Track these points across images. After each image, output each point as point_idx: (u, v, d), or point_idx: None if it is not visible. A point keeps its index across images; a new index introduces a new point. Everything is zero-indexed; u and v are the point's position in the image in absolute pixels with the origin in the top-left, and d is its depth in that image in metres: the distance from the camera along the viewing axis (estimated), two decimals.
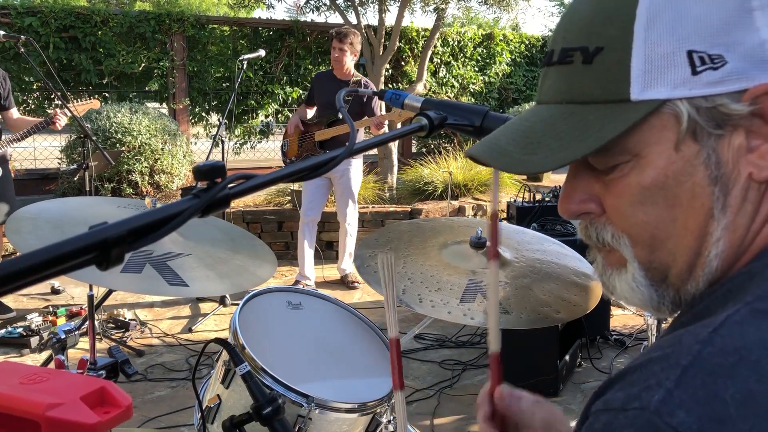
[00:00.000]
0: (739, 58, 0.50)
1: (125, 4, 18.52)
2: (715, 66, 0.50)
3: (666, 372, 0.45)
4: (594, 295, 1.88)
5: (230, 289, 1.65)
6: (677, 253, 0.55)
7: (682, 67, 0.50)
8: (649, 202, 0.55)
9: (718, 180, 0.52)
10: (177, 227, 0.52)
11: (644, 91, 0.51)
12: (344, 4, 7.83)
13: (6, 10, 6.91)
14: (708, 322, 0.47)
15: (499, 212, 0.80)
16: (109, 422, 1.08)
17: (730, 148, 0.52)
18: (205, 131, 8.22)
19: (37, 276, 0.44)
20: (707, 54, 0.50)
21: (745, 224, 0.53)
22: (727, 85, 0.50)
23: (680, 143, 0.52)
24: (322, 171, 0.67)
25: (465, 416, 3.09)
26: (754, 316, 0.46)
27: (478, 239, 1.95)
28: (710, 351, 0.45)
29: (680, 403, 0.43)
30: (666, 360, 0.46)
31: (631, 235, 0.57)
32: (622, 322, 4.25)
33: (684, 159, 0.52)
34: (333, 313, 1.79)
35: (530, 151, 0.56)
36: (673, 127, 0.52)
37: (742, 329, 0.45)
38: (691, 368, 0.44)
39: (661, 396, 0.43)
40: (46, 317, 3.99)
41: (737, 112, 0.50)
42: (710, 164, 0.52)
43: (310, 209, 4.61)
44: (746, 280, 0.50)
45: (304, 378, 1.48)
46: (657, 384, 0.44)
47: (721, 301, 0.50)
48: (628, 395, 0.45)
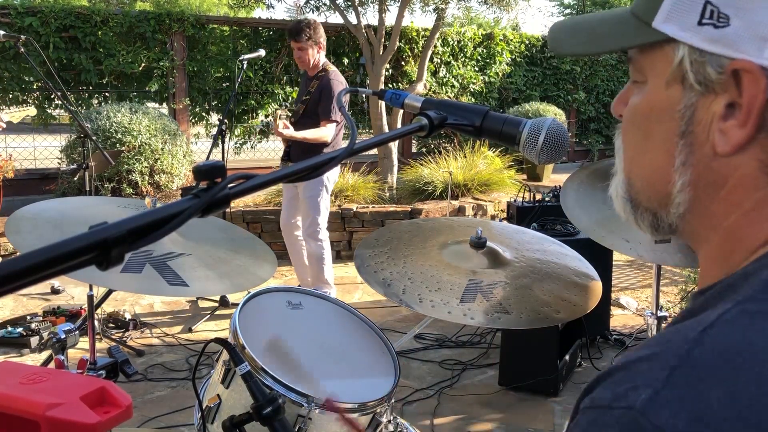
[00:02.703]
0: (741, 27, 0.49)
1: (125, 3, 18.52)
2: (717, 24, 0.50)
3: (654, 372, 0.45)
4: (594, 295, 1.89)
5: (230, 289, 1.65)
6: (646, 184, 0.59)
7: (695, 13, 0.51)
8: (635, 126, 0.59)
9: (684, 135, 0.54)
10: (177, 227, 0.52)
11: (663, 23, 0.53)
12: (344, 4, 7.83)
13: (6, 9, 6.91)
14: (698, 321, 0.47)
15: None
16: (109, 422, 1.08)
17: (708, 111, 0.52)
18: (205, 131, 8.22)
19: (37, 276, 0.44)
20: (718, 10, 0.50)
21: (712, 189, 0.54)
22: (718, 47, 0.50)
23: (670, 83, 0.54)
24: (321, 171, 0.67)
25: (465, 416, 3.09)
26: (744, 317, 0.46)
27: (478, 239, 1.95)
28: (699, 351, 0.45)
29: (666, 403, 0.43)
30: (655, 359, 0.46)
31: (624, 149, 0.62)
32: (622, 322, 4.25)
33: (669, 100, 0.55)
34: (333, 313, 1.79)
35: (577, 36, 0.63)
36: (670, 66, 0.54)
37: (732, 330, 0.45)
38: (678, 369, 0.44)
39: (648, 396, 0.43)
40: (46, 317, 3.99)
41: (712, 78, 0.51)
42: (684, 117, 0.54)
43: (285, 216, 4.34)
44: (741, 279, 0.50)
45: (304, 378, 1.48)
46: (644, 384, 0.44)
47: (715, 300, 0.50)
48: (615, 394, 0.46)
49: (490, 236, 2.03)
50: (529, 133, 0.89)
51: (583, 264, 2.05)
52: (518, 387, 3.32)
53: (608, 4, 25.04)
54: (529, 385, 3.27)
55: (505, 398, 3.27)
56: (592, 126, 10.78)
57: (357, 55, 8.48)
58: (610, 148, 10.89)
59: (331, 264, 4.28)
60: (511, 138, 0.90)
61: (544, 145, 0.89)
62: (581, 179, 2.42)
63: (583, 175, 2.45)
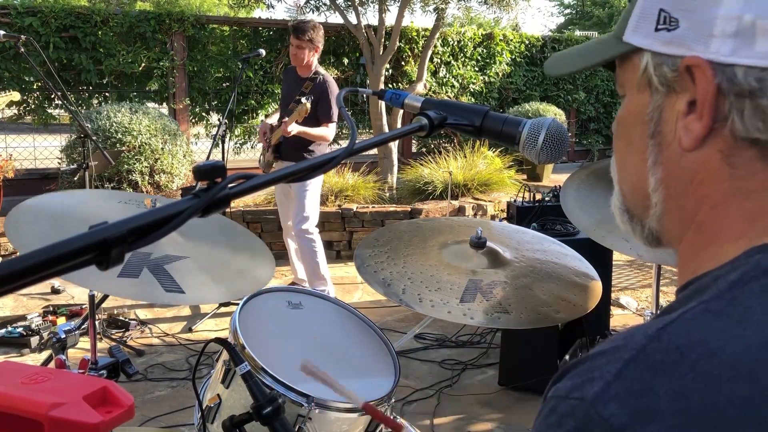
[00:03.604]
0: (689, 27, 0.53)
1: (125, 3, 18.52)
2: (669, 28, 0.54)
3: (609, 365, 0.46)
4: (594, 295, 1.89)
5: (226, 296, 1.64)
6: (630, 187, 0.62)
7: (652, 21, 0.55)
8: (619, 135, 0.63)
9: (654, 135, 0.57)
10: (177, 227, 0.52)
11: (631, 36, 0.57)
12: (344, 4, 7.83)
13: (6, 10, 6.91)
14: (663, 319, 0.48)
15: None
16: (111, 422, 1.08)
17: (672, 110, 0.55)
18: (205, 131, 8.22)
19: (37, 276, 0.44)
20: (669, 15, 0.54)
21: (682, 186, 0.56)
22: (672, 48, 0.54)
23: (639, 89, 0.58)
24: (322, 171, 0.67)
25: (465, 416, 3.09)
26: (705, 316, 0.47)
27: (478, 239, 1.95)
28: (654, 347, 0.46)
29: (615, 395, 0.44)
30: (613, 353, 0.47)
31: (614, 159, 0.65)
32: (622, 322, 4.25)
33: (641, 105, 0.58)
34: (333, 313, 1.79)
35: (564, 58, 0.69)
36: (638, 74, 0.58)
37: (690, 327, 0.46)
38: (632, 362, 0.45)
39: (599, 388, 0.45)
40: (46, 317, 3.99)
41: (668, 76, 0.54)
42: (653, 118, 0.57)
43: (284, 217, 4.47)
44: (711, 281, 0.51)
45: (304, 378, 1.48)
46: (599, 376, 0.46)
47: (685, 301, 0.51)
48: (573, 384, 0.47)
49: (490, 236, 2.03)
50: (529, 133, 0.89)
51: (583, 264, 2.05)
52: (518, 387, 3.32)
53: (608, 4, 25.05)
54: (529, 385, 3.27)
55: (505, 398, 3.27)
56: (592, 126, 10.78)
57: (357, 55, 8.48)
58: (610, 148, 10.85)
59: (324, 260, 4.34)
60: (511, 138, 0.90)
61: (544, 145, 0.89)
62: (581, 179, 2.42)
63: (583, 175, 2.45)
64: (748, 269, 0.49)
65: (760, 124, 0.50)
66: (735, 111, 0.51)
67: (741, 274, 0.49)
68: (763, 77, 0.50)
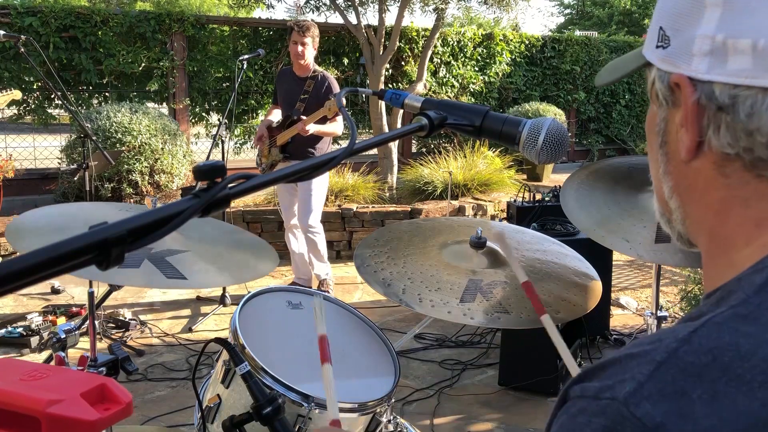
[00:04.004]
0: (677, 45, 0.56)
1: (125, 3, 18.52)
2: (664, 45, 0.57)
3: (640, 367, 0.47)
4: (594, 295, 1.89)
5: (230, 281, 1.64)
6: (656, 195, 0.65)
7: (655, 38, 0.59)
8: (647, 142, 0.66)
9: (663, 145, 0.61)
10: (177, 227, 0.53)
11: (647, 51, 0.61)
12: (344, 4, 7.83)
13: (6, 10, 6.91)
14: (692, 323, 0.49)
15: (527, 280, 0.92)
16: (109, 419, 1.08)
17: (674, 123, 0.58)
18: (205, 131, 8.22)
19: (37, 276, 0.44)
20: (665, 33, 0.57)
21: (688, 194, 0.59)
22: (665, 65, 0.57)
23: (653, 101, 0.61)
24: (322, 171, 0.67)
25: (465, 416, 3.09)
26: (733, 320, 0.48)
27: (478, 239, 1.95)
28: (686, 350, 0.46)
29: (648, 396, 0.45)
30: (643, 356, 0.48)
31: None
32: (622, 322, 4.25)
33: (653, 116, 0.62)
34: (333, 313, 1.79)
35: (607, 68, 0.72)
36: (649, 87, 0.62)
37: (720, 332, 0.47)
38: (664, 364, 0.46)
39: (632, 388, 0.46)
40: (46, 317, 3.99)
41: (663, 92, 0.58)
42: (661, 130, 0.61)
43: (287, 215, 4.55)
44: (735, 285, 0.52)
45: (304, 378, 1.48)
46: (631, 377, 0.47)
47: (713, 305, 0.52)
48: (603, 385, 0.48)
49: (490, 236, 2.03)
50: (529, 133, 0.89)
51: (583, 264, 2.05)
52: (518, 387, 3.32)
53: (608, 4, 25.04)
54: (528, 385, 3.27)
55: (505, 398, 3.27)
56: (592, 126, 10.78)
57: (357, 55, 8.48)
58: (610, 148, 10.90)
59: (326, 248, 4.63)
60: (511, 138, 0.90)
61: (543, 145, 0.89)
62: (581, 179, 2.42)
63: (583, 175, 2.45)
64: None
65: (731, 139, 0.53)
66: (713, 126, 0.54)
67: (766, 277, 0.50)
68: (735, 94, 0.52)
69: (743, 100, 0.51)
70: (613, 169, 2.40)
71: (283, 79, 4.50)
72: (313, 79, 4.30)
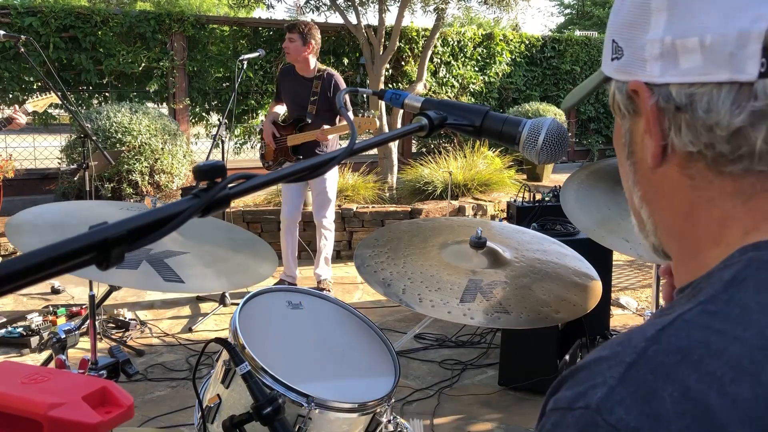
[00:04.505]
0: (629, 54, 0.57)
1: (125, 4, 18.52)
2: (617, 56, 0.59)
3: (611, 370, 0.46)
4: (594, 295, 1.89)
5: (227, 285, 1.64)
6: (630, 206, 0.65)
7: (609, 52, 0.60)
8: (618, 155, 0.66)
9: (630, 156, 0.61)
10: (177, 227, 0.52)
11: (605, 67, 0.62)
12: (344, 4, 7.83)
13: (6, 10, 6.91)
14: (660, 321, 0.48)
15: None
16: (110, 422, 1.08)
17: (638, 132, 0.59)
18: (205, 131, 8.22)
19: (37, 276, 0.44)
20: (617, 44, 0.59)
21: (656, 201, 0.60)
22: (621, 75, 0.58)
23: (616, 114, 0.62)
24: (322, 171, 0.67)
25: (465, 416, 3.09)
26: (703, 317, 0.47)
27: (478, 239, 1.95)
28: (655, 349, 0.46)
29: (620, 400, 0.44)
30: (614, 358, 0.47)
31: None
32: (622, 322, 4.25)
33: (618, 129, 0.63)
34: (333, 313, 1.79)
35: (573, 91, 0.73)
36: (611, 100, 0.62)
37: (689, 328, 0.46)
38: (634, 366, 0.45)
39: (603, 393, 0.45)
40: (46, 317, 3.99)
41: (623, 101, 0.59)
42: (627, 141, 0.61)
43: (291, 211, 4.57)
44: (704, 281, 0.51)
45: (304, 378, 1.48)
46: (602, 382, 0.45)
47: (682, 302, 0.51)
48: (575, 393, 0.47)
49: (490, 236, 2.03)
50: (529, 133, 0.89)
51: (583, 264, 2.05)
52: (518, 387, 3.32)
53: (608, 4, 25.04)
54: (529, 385, 3.27)
55: (505, 398, 3.27)
56: (592, 126, 10.78)
57: (357, 55, 8.48)
58: (610, 148, 10.90)
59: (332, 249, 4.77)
60: (511, 138, 0.90)
61: (544, 145, 0.89)
62: (581, 179, 2.42)
63: (583, 175, 2.45)
64: (741, 268, 0.49)
65: (692, 137, 0.53)
66: (674, 127, 0.54)
67: (734, 272, 0.49)
68: (691, 93, 0.52)
69: (700, 97, 0.52)
70: (613, 169, 2.40)
71: (286, 77, 4.51)
72: (320, 79, 4.34)
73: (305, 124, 4.36)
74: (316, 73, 4.37)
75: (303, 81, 4.38)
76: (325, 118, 4.33)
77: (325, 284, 4.67)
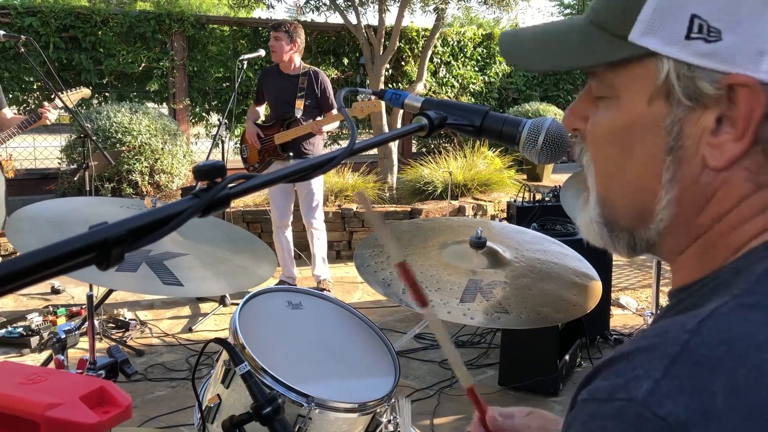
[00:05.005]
0: (735, 41, 0.48)
1: (125, 4, 18.51)
2: (708, 39, 0.48)
3: (653, 362, 0.44)
4: (594, 295, 1.88)
5: (227, 289, 1.64)
6: (628, 202, 0.57)
7: (680, 27, 0.49)
8: (612, 143, 0.56)
9: (672, 151, 0.52)
10: (177, 227, 0.52)
11: (642, 37, 0.51)
12: (344, 4, 7.83)
13: (6, 10, 6.91)
14: (695, 313, 0.47)
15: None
16: (108, 422, 1.08)
17: (696, 125, 0.51)
18: (205, 131, 8.22)
19: (37, 276, 0.44)
20: (708, 24, 0.48)
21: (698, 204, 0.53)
22: (711, 62, 0.49)
23: (653, 99, 0.52)
24: (322, 171, 0.67)
25: (465, 416, 3.09)
26: (740, 310, 0.46)
27: (478, 239, 1.95)
28: (697, 341, 0.44)
29: (667, 393, 0.42)
30: (653, 350, 0.45)
31: (596, 167, 0.59)
32: (622, 322, 4.25)
33: (652, 117, 0.53)
34: (333, 313, 1.79)
35: (536, 48, 0.60)
36: (653, 81, 0.52)
37: (729, 321, 0.45)
38: (678, 358, 0.44)
39: (649, 386, 0.43)
40: (46, 317, 3.99)
41: (708, 93, 0.49)
42: (672, 132, 0.52)
43: (281, 215, 4.57)
44: (732, 276, 0.50)
45: (304, 378, 1.48)
46: (645, 374, 0.44)
47: (708, 296, 0.50)
48: (613, 385, 0.45)
49: (490, 236, 2.03)
50: (529, 133, 0.89)
51: (583, 264, 2.05)
52: (518, 387, 3.32)
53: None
54: (529, 385, 3.27)
55: (505, 398, 3.27)
56: None
57: (357, 55, 8.48)
58: None
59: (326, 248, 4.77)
60: (511, 138, 0.90)
61: (543, 145, 0.89)
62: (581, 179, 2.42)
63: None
64: None
65: None
66: None
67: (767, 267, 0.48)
68: None
69: None
70: None
71: (269, 77, 4.54)
72: (306, 76, 4.40)
73: (293, 120, 4.36)
74: (301, 71, 4.42)
75: (288, 78, 4.42)
76: (313, 114, 4.37)
77: (325, 284, 4.67)
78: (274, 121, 4.48)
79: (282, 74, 4.44)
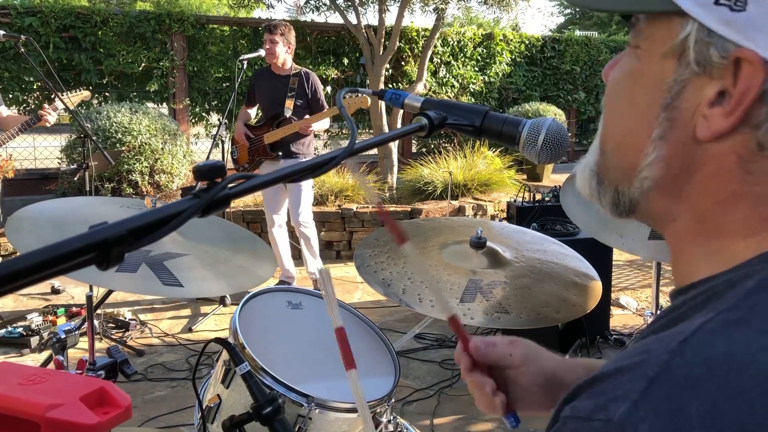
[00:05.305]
0: (758, 14, 0.47)
1: (125, 4, 18.52)
2: (734, 7, 0.47)
3: (633, 383, 0.44)
4: (594, 295, 1.89)
5: (226, 289, 1.64)
6: (616, 148, 0.58)
7: None
8: (621, 90, 0.58)
9: (668, 109, 0.52)
10: (177, 227, 0.52)
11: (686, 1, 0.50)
12: (344, 4, 7.83)
13: (6, 10, 6.91)
14: (680, 330, 0.46)
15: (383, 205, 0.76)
16: (108, 423, 1.08)
17: (698, 92, 0.50)
18: (205, 131, 8.22)
19: (37, 276, 0.44)
20: None
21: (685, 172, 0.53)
22: (729, 31, 0.48)
23: (666, 56, 0.52)
24: (322, 171, 0.67)
25: (465, 416, 3.09)
26: (726, 327, 0.45)
27: (478, 239, 1.95)
28: (678, 362, 0.44)
29: (644, 416, 0.42)
30: (634, 370, 0.45)
31: (604, 113, 0.61)
32: (622, 322, 4.25)
33: (661, 71, 0.53)
34: None
35: None
36: (672, 40, 0.51)
37: (713, 340, 0.44)
38: (657, 380, 0.43)
39: (626, 408, 0.43)
40: (46, 317, 3.99)
41: (715, 61, 0.49)
42: (671, 90, 0.52)
43: (274, 214, 4.59)
44: (726, 288, 0.49)
45: (304, 378, 1.48)
46: (623, 396, 0.44)
47: (698, 308, 0.49)
48: (595, 405, 0.45)
49: (490, 236, 2.03)
50: (529, 133, 0.89)
51: (583, 264, 2.05)
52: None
53: None
54: None
55: None
56: (592, 126, 10.78)
57: (357, 55, 8.48)
58: None
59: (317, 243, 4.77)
60: (511, 138, 0.90)
61: (543, 145, 0.89)
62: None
63: None
64: (766, 276, 0.47)
65: None
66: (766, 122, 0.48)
67: (758, 280, 0.47)
68: None
69: None
70: None
71: (261, 78, 4.58)
72: (297, 76, 4.44)
73: (283, 120, 4.40)
74: (292, 72, 4.47)
75: (280, 78, 4.46)
76: (303, 114, 4.41)
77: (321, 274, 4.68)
78: (265, 121, 4.53)
79: (274, 75, 4.49)
